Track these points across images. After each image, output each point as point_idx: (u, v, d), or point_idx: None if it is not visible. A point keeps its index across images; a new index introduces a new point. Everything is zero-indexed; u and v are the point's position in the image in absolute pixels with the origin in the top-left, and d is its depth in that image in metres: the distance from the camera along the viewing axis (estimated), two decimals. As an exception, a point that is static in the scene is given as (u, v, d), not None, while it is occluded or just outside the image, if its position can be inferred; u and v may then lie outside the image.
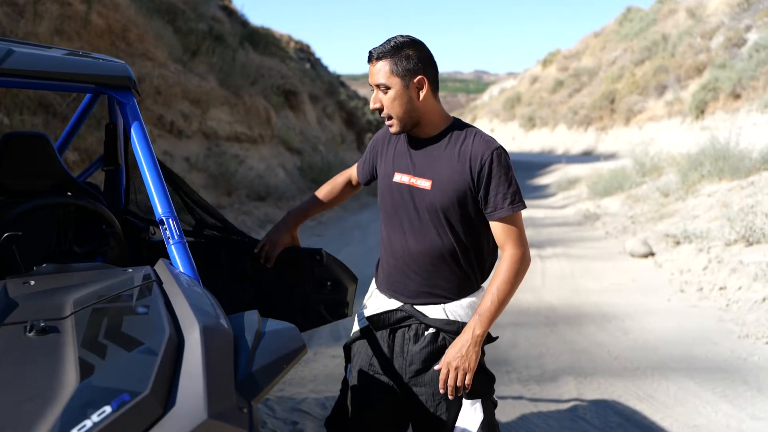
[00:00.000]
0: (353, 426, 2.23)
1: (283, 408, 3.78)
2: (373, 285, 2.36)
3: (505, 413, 3.86)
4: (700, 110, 19.70)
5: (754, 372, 4.46)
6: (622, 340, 5.29)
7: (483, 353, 2.14)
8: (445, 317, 2.13)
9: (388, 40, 2.08)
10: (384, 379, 2.18)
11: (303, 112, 20.41)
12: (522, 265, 2.12)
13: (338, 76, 32.07)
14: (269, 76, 18.17)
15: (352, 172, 2.54)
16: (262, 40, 21.05)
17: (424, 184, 2.11)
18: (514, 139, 41.72)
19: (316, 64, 28.90)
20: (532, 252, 9.14)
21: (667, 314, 5.97)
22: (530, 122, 39.77)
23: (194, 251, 2.08)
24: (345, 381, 2.31)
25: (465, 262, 2.15)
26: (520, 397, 4.12)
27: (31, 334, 1.43)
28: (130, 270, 1.88)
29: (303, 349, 1.56)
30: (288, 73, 20.13)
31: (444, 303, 2.15)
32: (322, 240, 9.76)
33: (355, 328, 2.31)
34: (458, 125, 2.17)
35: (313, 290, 2.68)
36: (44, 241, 2.33)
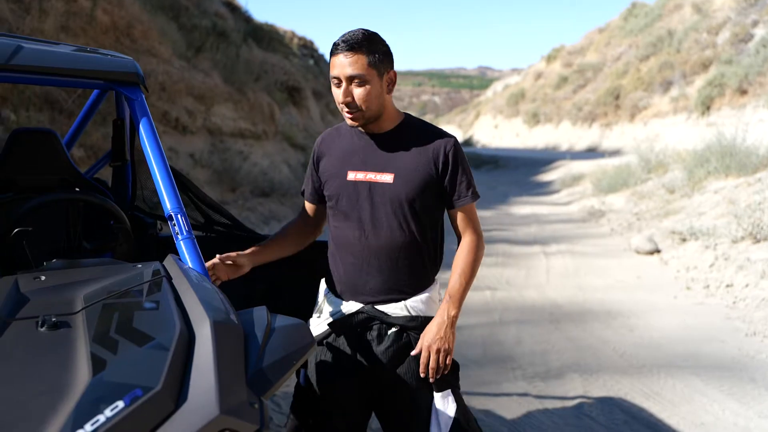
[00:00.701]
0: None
1: (288, 403, 3.78)
2: (323, 291, 2.30)
3: (510, 410, 3.87)
4: (706, 106, 19.62)
5: (761, 370, 4.45)
6: (628, 337, 5.28)
7: None
8: (407, 314, 2.15)
9: (355, 32, 2.05)
10: (346, 382, 2.16)
11: (306, 108, 20.42)
12: (481, 250, 2.22)
13: (342, 73, 32.01)
14: (273, 72, 18.17)
15: (305, 209, 2.40)
16: (266, 36, 21.05)
17: (385, 178, 2.11)
18: (518, 135, 41.65)
19: (319, 60, 28.90)
20: (536, 249, 9.20)
21: (673, 312, 5.96)
22: (534, 118, 39.69)
23: (202, 247, 2.08)
24: (298, 387, 2.26)
25: (424, 255, 2.19)
26: (525, 394, 4.12)
27: (43, 329, 1.44)
28: (140, 265, 1.89)
29: (312, 345, 1.57)
30: (291, 69, 20.13)
31: (404, 299, 2.16)
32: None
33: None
34: (412, 119, 2.23)
35: None
36: (53, 236, 2.33)
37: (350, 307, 2.18)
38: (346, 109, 2.07)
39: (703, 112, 19.74)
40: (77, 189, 2.73)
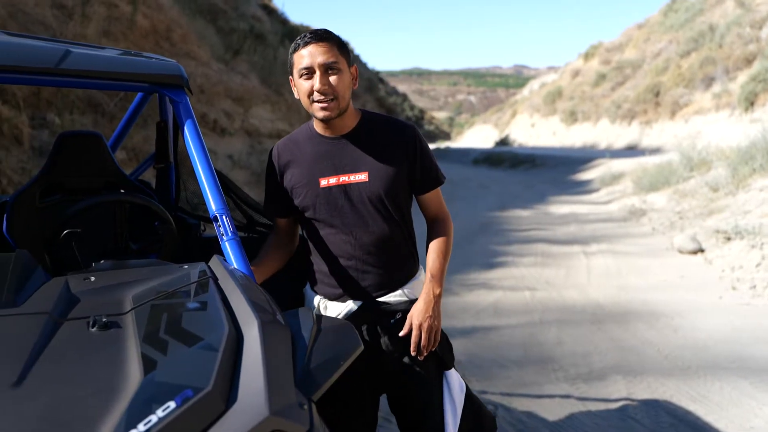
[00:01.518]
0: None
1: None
2: (316, 299, 2.31)
3: (552, 412, 3.82)
4: (750, 102, 19.15)
5: (812, 372, 4.32)
6: (672, 338, 5.18)
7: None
8: (406, 299, 2.23)
9: (318, 29, 2.09)
10: (355, 377, 2.12)
11: (343, 109, 20.48)
12: (451, 230, 2.30)
13: (377, 73, 32.12)
14: (310, 73, 18.25)
15: (278, 226, 2.38)
16: (302, 37, 21.16)
17: (360, 177, 2.14)
18: (555, 134, 41.19)
19: (355, 60, 28.96)
20: (576, 248, 9.09)
21: (719, 312, 5.82)
22: (572, 117, 39.20)
23: (245, 248, 2.09)
24: None
25: (408, 241, 2.28)
26: (567, 396, 4.07)
27: (94, 329, 1.46)
28: (186, 266, 1.90)
29: (359, 347, 1.56)
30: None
31: (401, 288, 2.24)
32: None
33: None
34: (369, 115, 2.25)
35: None
36: (101, 237, 2.37)
37: (350, 306, 2.23)
38: (320, 98, 2.04)
39: (747, 108, 19.27)
40: (122, 190, 2.78)
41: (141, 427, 1.14)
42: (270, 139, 13.52)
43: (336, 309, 2.25)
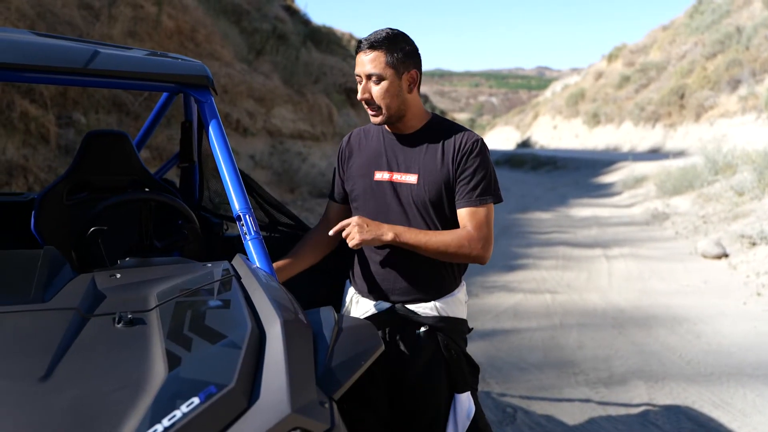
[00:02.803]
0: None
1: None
2: (351, 292, 2.32)
3: (572, 416, 3.80)
4: (777, 106, 18.87)
5: (838, 380, 4.25)
6: (695, 344, 5.12)
7: (465, 343, 2.29)
8: (437, 314, 2.18)
9: (379, 31, 2.09)
10: (374, 378, 2.15)
11: (364, 110, 20.48)
12: (469, 243, 2.09)
13: (399, 74, 32.08)
14: (331, 74, 18.32)
15: (329, 212, 2.41)
16: (324, 38, 21.25)
17: (410, 178, 2.14)
18: (578, 136, 40.89)
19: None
20: (598, 252, 9.02)
21: (743, 318, 5.74)
22: (594, 119, 38.90)
23: (269, 247, 2.11)
24: None
25: (455, 273, 2.22)
26: (587, 400, 4.04)
27: (120, 325, 1.48)
28: (209, 265, 1.93)
29: (380, 346, 1.57)
30: (349, 71, 20.23)
31: (434, 300, 2.19)
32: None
33: None
34: (438, 120, 2.24)
35: None
36: (126, 235, 2.41)
37: (380, 306, 2.21)
38: (367, 107, 2.11)
39: (774, 112, 18.98)
40: (146, 189, 2.81)
41: (165, 422, 1.16)
42: (292, 140, 13.59)
43: (365, 306, 2.24)
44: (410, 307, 2.19)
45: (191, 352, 1.37)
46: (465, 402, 2.19)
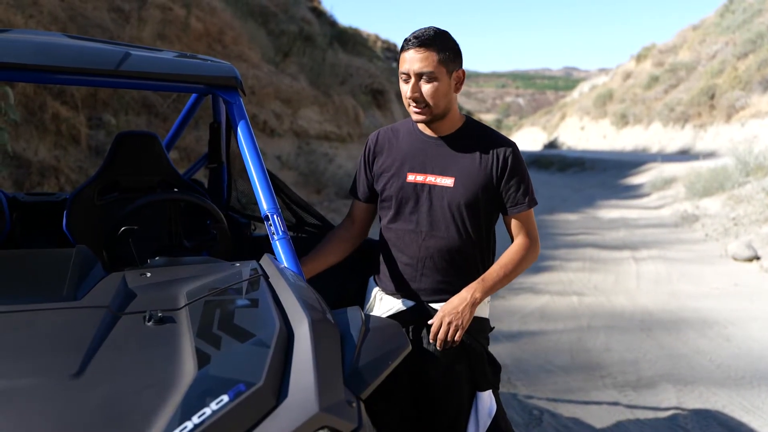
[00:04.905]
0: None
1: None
2: (375, 290, 2.32)
3: (599, 419, 3.76)
4: (810, 106, 18.49)
5: None
6: (725, 347, 5.04)
7: (488, 341, 2.28)
8: None
9: (426, 29, 2.05)
10: (397, 376, 2.10)
11: (390, 111, 20.53)
12: (531, 253, 2.23)
13: (425, 75, 32.06)
14: (357, 75, 18.39)
15: (353, 211, 2.42)
16: (350, 40, 21.34)
17: (446, 181, 2.13)
18: (606, 137, 40.47)
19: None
20: (626, 254, 8.92)
21: (775, 322, 5.64)
22: (623, 120, 38.46)
23: (296, 247, 2.12)
24: None
25: (478, 256, 2.21)
26: (615, 403, 4.00)
27: (150, 323, 1.50)
28: (238, 264, 1.94)
29: (407, 347, 1.58)
30: (375, 72, 20.31)
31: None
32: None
33: None
34: (473, 123, 2.23)
35: None
36: (156, 235, 2.44)
37: (404, 304, 2.22)
38: (414, 105, 2.07)
39: (808, 112, 18.60)
40: (176, 189, 2.85)
41: (195, 419, 1.17)
42: (318, 141, 13.65)
43: (389, 304, 2.25)
44: (435, 306, 2.18)
45: (220, 351, 1.39)
46: (486, 400, 2.19)
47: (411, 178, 2.17)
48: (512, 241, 2.26)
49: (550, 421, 3.71)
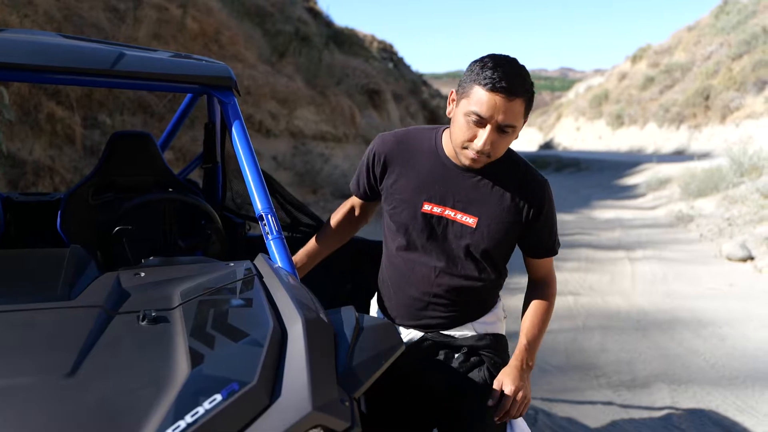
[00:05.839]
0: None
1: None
2: (377, 314, 2.14)
3: (594, 419, 3.77)
4: (805, 107, 18.56)
5: None
6: (719, 347, 5.06)
7: (509, 358, 2.06)
8: (475, 333, 2.04)
9: (514, 68, 1.77)
10: (411, 403, 2.05)
11: (386, 111, 20.53)
12: (555, 297, 2.10)
13: (421, 75, 32.13)
14: (353, 75, 18.37)
15: (352, 202, 2.24)
16: (347, 40, 21.33)
17: (467, 220, 1.91)
18: (601, 137, 40.52)
19: (398, 63, 29.04)
20: (621, 254, 8.95)
21: (769, 322, 5.66)
22: (618, 120, 38.52)
23: (291, 247, 2.12)
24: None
25: (494, 288, 2.07)
26: (609, 403, 4.01)
27: (144, 323, 1.50)
28: (232, 264, 1.94)
29: (400, 346, 1.58)
30: (372, 72, 20.29)
31: (472, 322, 2.04)
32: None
33: None
34: (505, 156, 1.93)
35: None
36: (151, 235, 2.44)
37: (412, 335, 2.04)
38: (475, 154, 1.81)
39: (802, 113, 18.67)
40: (170, 189, 2.84)
41: (188, 418, 1.17)
42: (314, 141, 13.63)
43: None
44: (445, 332, 2.02)
45: (214, 350, 1.39)
46: (523, 427, 1.99)
47: (427, 208, 1.93)
48: (530, 278, 2.11)
49: (545, 420, 3.71)
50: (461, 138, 1.80)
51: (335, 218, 2.25)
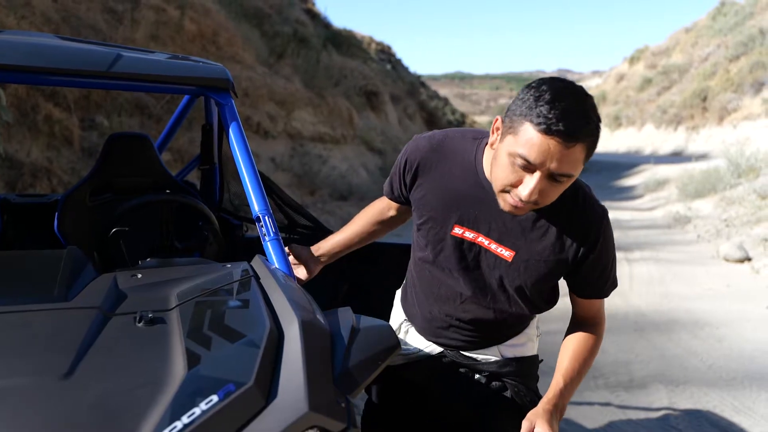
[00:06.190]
0: None
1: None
2: (401, 315, 1.99)
3: (591, 420, 3.77)
4: (802, 108, 18.61)
5: None
6: (717, 348, 5.07)
7: (537, 379, 1.95)
8: (500, 358, 1.85)
9: (579, 105, 1.44)
10: (420, 416, 1.95)
11: (384, 113, 20.56)
12: (600, 341, 1.83)
13: (419, 77, 32.14)
14: (351, 77, 18.41)
15: (388, 202, 2.01)
16: (345, 41, 21.37)
17: (503, 252, 1.66)
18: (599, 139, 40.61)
19: (397, 64, 29.09)
20: (619, 255, 8.89)
21: (766, 322, 5.67)
22: (616, 121, 38.64)
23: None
24: (370, 403, 2.09)
25: (531, 318, 1.89)
26: (607, 404, 4.01)
27: (141, 324, 1.50)
28: (229, 265, 1.94)
29: (397, 347, 1.58)
30: (370, 74, 20.33)
31: (497, 345, 1.85)
32: (402, 240, 9.79)
33: None
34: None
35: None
36: (148, 236, 2.43)
37: (431, 348, 1.89)
38: (517, 202, 1.51)
39: (799, 114, 18.72)
40: (167, 191, 2.85)
41: (185, 419, 1.17)
42: (312, 142, 13.65)
43: (417, 338, 1.92)
44: (467, 353, 1.85)
45: (210, 351, 1.39)
46: None
47: (458, 231, 1.70)
48: (575, 316, 1.84)
49: (542, 421, 3.71)
50: (503, 181, 1.51)
51: (367, 217, 2.06)
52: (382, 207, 2.04)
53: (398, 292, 2.07)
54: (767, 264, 7.55)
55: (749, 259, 8.02)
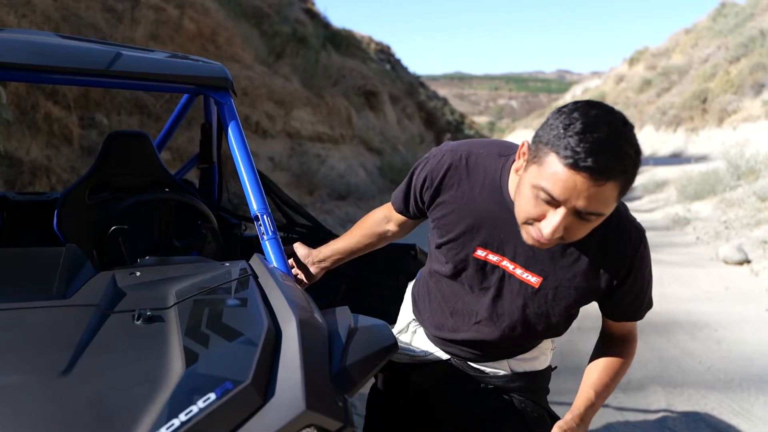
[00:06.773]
0: None
1: (364, 404, 3.81)
2: (410, 315, 1.92)
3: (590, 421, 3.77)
4: (801, 110, 18.63)
5: None
6: (715, 350, 5.07)
7: (547, 392, 1.89)
8: (509, 372, 1.76)
9: (612, 138, 1.27)
10: (422, 419, 1.88)
11: (383, 113, 20.57)
12: (631, 360, 1.73)
13: (418, 77, 32.17)
14: (350, 77, 18.42)
15: (389, 213, 1.90)
16: (344, 41, 21.38)
17: (530, 278, 1.55)
18: (598, 140, 40.65)
19: (396, 64, 29.11)
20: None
21: (765, 325, 5.67)
22: (615, 123, 38.62)
23: (286, 247, 2.12)
24: (371, 405, 2.05)
25: (546, 340, 1.80)
26: (605, 405, 4.02)
27: (139, 322, 1.50)
28: (227, 264, 1.94)
29: (395, 346, 1.58)
30: (369, 73, 20.34)
31: (507, 359, 1.76)
32: (409, 236, 9.78)
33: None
34: None
35: (405, 285, 2.70)
36: (146, 234, 2.44)
37: (438, 355, 1.81)
38: (540, 236, 1.38)
39: (799, 116, 18.74)
40: (167, 190, 2.85)
41: (182, 416, 1.17)
42: (310, 142, 13.65)
43: (424, 340, 1.86)
44: (475, 365, 1.77)
45: (208, 349, 1.39)
46: None
47: (480, 253, 1.59)
48: (605, 334, 1.74)
49: (540, 422, 3.71)
50: (525, 214, 1.38)
51: (368, 230, 1.96)
52: (384, 222, 1.93)
53: (410, 286, 1.99)
54: (766, 266, 7.55)
55: (748, 262, 8.02)
